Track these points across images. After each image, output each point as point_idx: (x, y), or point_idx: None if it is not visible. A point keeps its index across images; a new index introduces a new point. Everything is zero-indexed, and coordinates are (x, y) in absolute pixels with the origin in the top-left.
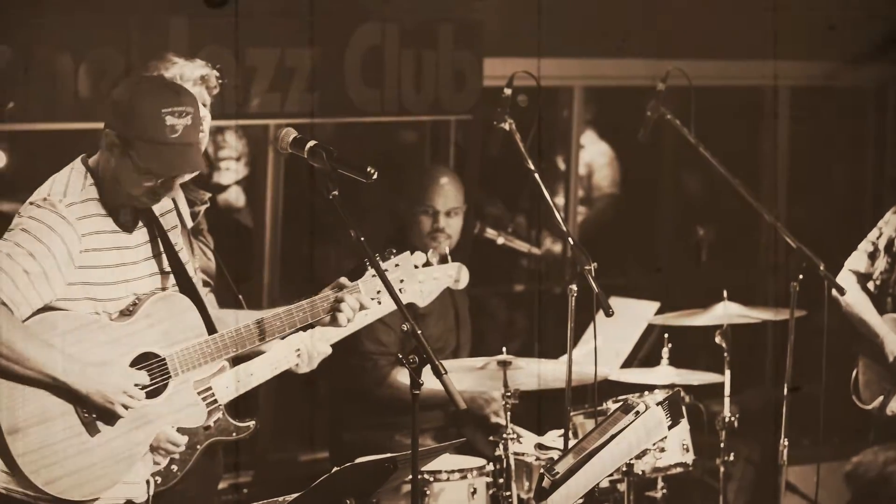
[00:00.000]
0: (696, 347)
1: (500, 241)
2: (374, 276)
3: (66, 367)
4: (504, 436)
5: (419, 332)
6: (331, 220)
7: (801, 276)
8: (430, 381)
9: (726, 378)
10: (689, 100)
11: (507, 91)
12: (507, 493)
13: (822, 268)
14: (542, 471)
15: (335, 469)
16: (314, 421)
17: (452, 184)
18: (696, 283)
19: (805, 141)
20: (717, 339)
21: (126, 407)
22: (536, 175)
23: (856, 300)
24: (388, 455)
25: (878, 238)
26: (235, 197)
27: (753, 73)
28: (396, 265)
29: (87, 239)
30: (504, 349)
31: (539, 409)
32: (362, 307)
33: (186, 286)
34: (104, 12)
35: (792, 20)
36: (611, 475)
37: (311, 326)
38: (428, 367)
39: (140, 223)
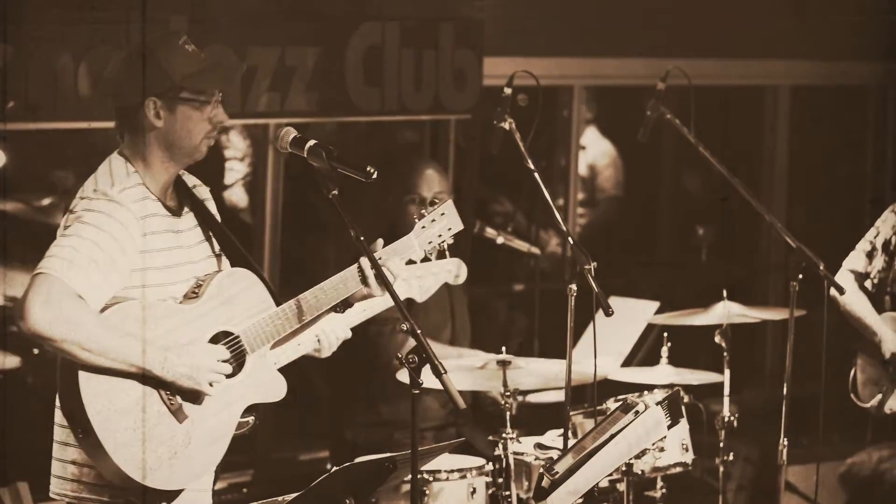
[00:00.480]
0: (695, 347)
1: (500, 240)
2: (423, 227)
3: (148, 354)
4: (503, 435)
5: (419, 331)
6: (331, 219)
7: (800, 276)
8: (429, 381)
9: (726, 377)
10: (689, 99)
11: (507, 90)
12: (507, 493)
13: (821, 267)
14: (541, 470)
15: (334, 468)
16: (314, 420)
17: (436, 173)
18: (696, 282)
19: (805, 140)
20: (717, 339)
21: (211, 384)
22: (536, 174)
23: (853, 299)
24: (388, 454)
25: (875, 237)
26: (239, 196)
27: (754, 72)
28: (443, 214)
29: (145, 222)
30: (503, 348)
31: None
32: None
33: (245, 264)
34: (104, 11)
35: (793, 19)
36: (610, 475)
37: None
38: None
39: (185, 208)
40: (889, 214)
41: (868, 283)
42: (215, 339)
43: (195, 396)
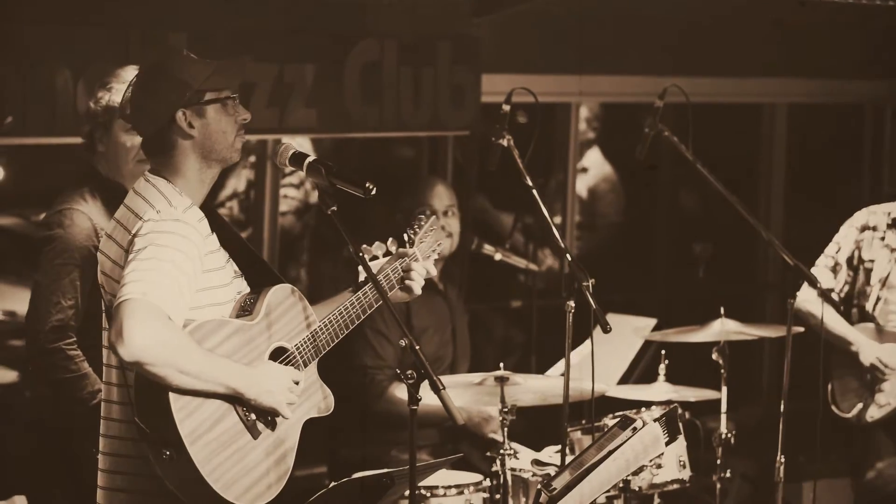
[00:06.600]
0: (692, 364)
1: (498, 256)
2: (432, 229)
3: (233, 373)
4: (501, 451)
5: (417, 347)
6: (330, 234)
7: (797, 293)
8: (427, 398)
9: (723, 394)
10: (687, 116)
11: (506, 107)
12: None
13: (818, 284)
14: (539, 487)
15: (332, 484)
16: (311, 435)
17: (446, 189)
18: (693, 299)
19: (802, 158)
20: (714, 356)
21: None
22: (535, 192)
23: (824, 312)
24: (385, 470)
25: (836, 252)
26: (236, 212)
27: (751, 90)
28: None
29: (207, 241)
30: (501, 365)
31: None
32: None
33: (276, 280)
34: (103, 27)
35: (790, 38)
36: (608, 491)
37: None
38: (426, 382)
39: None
40: (848, 230)
41: (834, 297)
42: (276, 354)
43: (272, 417)
